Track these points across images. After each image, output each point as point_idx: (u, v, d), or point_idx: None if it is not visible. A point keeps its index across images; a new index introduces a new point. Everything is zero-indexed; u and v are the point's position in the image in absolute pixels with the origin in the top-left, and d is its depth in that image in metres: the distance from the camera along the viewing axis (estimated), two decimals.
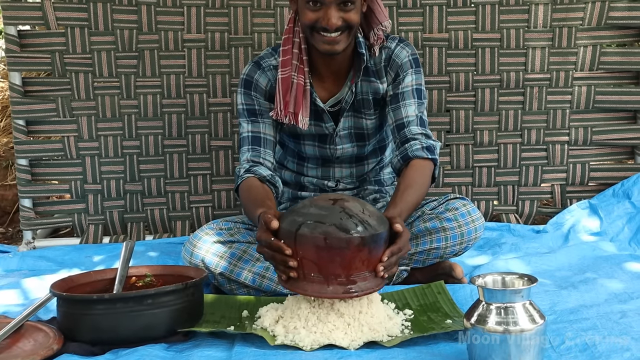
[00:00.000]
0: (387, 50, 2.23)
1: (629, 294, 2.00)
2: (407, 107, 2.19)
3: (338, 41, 2.07)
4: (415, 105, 2.20)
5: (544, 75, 3.00)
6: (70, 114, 2.95)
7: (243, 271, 2.07)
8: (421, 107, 2.22)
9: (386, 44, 2.24)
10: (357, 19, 2.08)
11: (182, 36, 2.95)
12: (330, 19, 2.01)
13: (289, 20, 2.19)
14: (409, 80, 2.21)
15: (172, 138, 3.00)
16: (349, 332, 1.67)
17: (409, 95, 2.20)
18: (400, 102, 2.20)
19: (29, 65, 2.98)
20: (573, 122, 3.04)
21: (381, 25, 2.17)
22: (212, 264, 2.07)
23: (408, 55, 2.23)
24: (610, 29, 2.99)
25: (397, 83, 2.22)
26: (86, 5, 2.90)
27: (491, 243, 2.73)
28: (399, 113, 2.19)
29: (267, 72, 2.24)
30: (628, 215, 2.82)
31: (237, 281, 2.07)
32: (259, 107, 2.23)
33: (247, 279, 2.07)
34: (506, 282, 1.57)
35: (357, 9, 2.07)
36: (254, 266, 2.07)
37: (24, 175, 2.96)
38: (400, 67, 2.22)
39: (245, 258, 2.08)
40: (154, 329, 1.69)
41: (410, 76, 2.22)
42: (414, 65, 2.24)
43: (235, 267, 2.07)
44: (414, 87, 2.21)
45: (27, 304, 2.09)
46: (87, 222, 3.02)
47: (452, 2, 2.96)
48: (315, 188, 2.42)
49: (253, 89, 2.23)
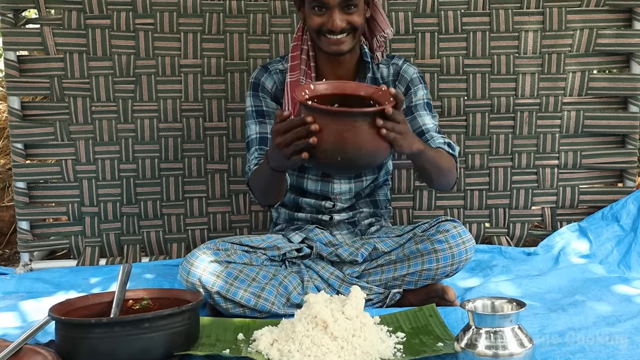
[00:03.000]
0: (394, 66, 2.39)
1: (617, 317, 2.03)
2: (423, 117, 2.32)
3: (343, 42, 2.20)
4: (430, 116, 2.33)
5: (533, 100, 3.05)
6: (68, 138, 2.99)
7: (239, 290, 2.10)
8: (434, 119, 2.35)
9: (393, 61, 2.40)
10: (361, 21, 2.21)
11: (178, 61, 3.00)
12: (335, 21, 2.16)
13: (298, 29, 2.37)
14: (421, 94, 2.36)
15: (168, 161, 3.04)
16: (342, 355, 1.69)
17: (422, 107, 2.34)
18: (414, 113, 2.33)
19: (28, 90, 3.02)
20: (563, 146, 3.09)
21: (383, 32, 2.32)
22: (209, 283, 2.09)
23: (416, 71, 2.39)
24: (598, 55, 3.05)
25: (409, 96, 2.35)
26: (84, 31, 2.95)
27: (482, 265, 2.77)
28: (415, 123, 2.31)
29: (274, 75, 2.40)
30: (617, 238, 2.86)
31: (233, 300, 2.10)
32: (267, 109, 2.36)
33: (242, 298, 2.09)
34: (495, 307, 1.61)
35: (360, 12, 2.21)
36: (250, 286, 2.11)
37: (21, 197, 2.99)
38: (410, 82, 2.37)
39: (242, 278, 2.11)
40: (150, 353, 1.71)
41: (421, 90, 2.36)
42: (422, 81, 2.39)
43: (231, 286, 2.10)
44: (425, 101, 2.36)
45: (25, 326, 2.10)
46: (83, 244, 3.04)
47: (443, 29, 3.03)
48: (312, 210, 2.45)
49: (260, 90, 2.38)
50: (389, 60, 2.42)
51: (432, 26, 3.03)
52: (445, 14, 3.02)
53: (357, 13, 2.19)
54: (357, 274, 2.27)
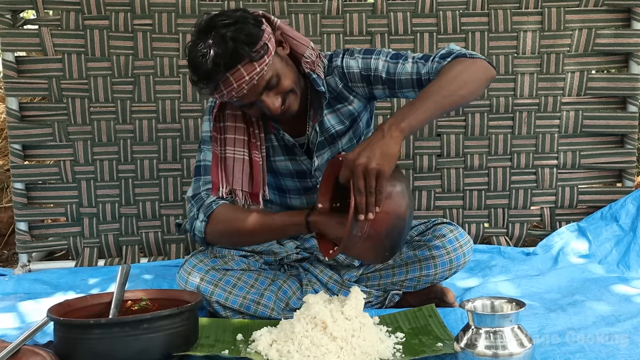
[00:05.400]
0: (337, 69, 2.09)
1: (616, 317, 2.02)
2: (403, 72, 2.00)
3: (289, 106, 1.97)
4: (406, 64, 2.01)
5: (532, 101, 3.05)
6: (66, 139, 2.99)
7: (238, 298, 2.08)
8: (409, 57, 2.02)
9: (332, 65, 2.10)
10: (291, 80, 1.95)
11: (177, 62, 3.00)
12: (270, 107, 1.92)
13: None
14: (381, 65, 2.04)
15: (167, 162, 3.04)
16: (341, 355, 1.69)
17: (393, 68, 2.02)
18: (394, 78, 2.02)
19: (26, 91, 3.02)
20: (561, 146, 3.09)
21: (304, 56, 2.02)
22: (207, 292, 2.07)
23: (357, 56, 2.07)
24: (597, 55, 3.06)
25: (376, 80, 2.06)
26: (83, 32, 2.95)
27: (482, 265, 2.77)
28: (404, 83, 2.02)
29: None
30: (616, 238, 2.86)
31: (232, 308, 2.09)
32: None
33: (242, 306, 2.08)
34: (495, 307, 1.60)
35: (285, 73, 1.93)
36: (249, 293, 2.09)
37: (20, 198, 2.99)
38: (362, 69, 2.06)
39: (240, 285, 2.10)
40: (149, 353, 1.70)
41: (376, 61, 2.04)
42: (369, 53, 2.07)
43: (230, 294, 2.08)
44: (389, 61, 2.03)
45: (23, 327, 2.10)
46: (82, 245, 3.04)
47: (442, 29, 3.03)
48: None
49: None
50: (330, 65, 2.11)
51: (430, 26, 3.03)
52: (444, 14, 3.02)
53: (283, 78, 1.91)
54: (355, 278, 2.26)
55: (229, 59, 1.81)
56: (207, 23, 1.87)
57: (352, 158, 1.69)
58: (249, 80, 1.84)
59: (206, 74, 1.84)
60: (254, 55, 1.82)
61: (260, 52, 1.84)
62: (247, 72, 1.83)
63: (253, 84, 1.85)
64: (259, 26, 1.87)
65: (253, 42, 1.83)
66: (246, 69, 1.83)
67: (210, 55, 1.81)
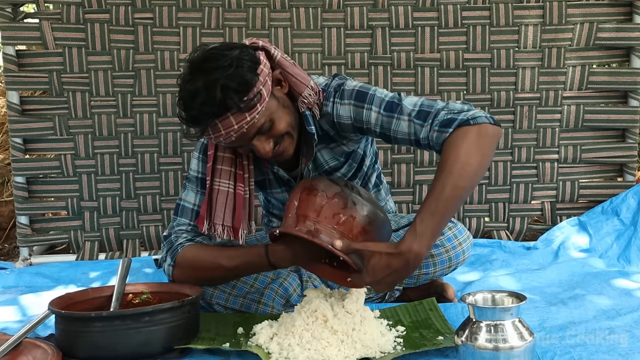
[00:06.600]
0: (327, 117, 1.92)
1: (616, 311, 2.02)
2: (399, 132, 1.83)
3: (284, 150, 1.85)
4: (401, 118, 1.81)
5: (533, 95, 3.05)
6: (67, 132, 2.99)
7: (238, 299, 2.08)
8: (405, 110, 1.81)
9: (323, 111, 1.91)
10: (285, 122, 1.81)
11: (177, 56, 2.99)
12: (260, 151, 1.80)
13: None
14: (374, 118, 1.85)
15: (167, 156, 3.04)
16: (342, 348, 1.69)
17: (387, 123, 1.83)
18: (390, 134, 1.85)
19: (27, 85, 3.01)
20: (562, 141, 3.09)
21: (301, 95, 1.87)
22: (207, 295, 2.07)
23: (348, 103, 1.88)
24: (598, 49, 3.05)
25: (369, 131, 1.89)
26: (83, 25, 2.94)
27: (482, 259, 2.77)
28: (401, 140, 1.86)
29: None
30: (617, 232, 2.87)
31: (233, 309, 2.08)
32: None
33: (243, 306, 2.08)
34: (496, 300, 1.60)
35: (280, 116, 1.80)
36: (249, 293, 2.09)
37: (21, 192, 2.99)
38: (355, 122, 1.88)
39: (240, 286, 2.09)
40: (150, 346, 1.71)
41: (369, 112, 1.85)
42: (361, 100, 1.87)
43: (230, 295, 2.08)
44: (382, 114, 1.84)
45: (25, 320, 2.11)
46: (83, 239, 3.04)
47: (443, 23, 3.02)
48: None
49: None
50: (325, 106, 1.91)
51: (432, 20, 3.02)
52: (445, 8, 3.01)
53: (277, 121, 1.78)
54: None
55: (217, 109, 1.69)
56: (201, 60, 1.74)
57: (371, 282, 1.66)
58: (238, 129, 1.73)
59: (193, 117, 1.73)
60: (243, 106, 1.70)
61: (252, 101, 1.71)
62: (237, 121, 1.71)
63: (242, 132, 1.74)
64: (254, 69, 1.72)
65: (245, 89, 1.70)
66: (235, 118, 1.71)
67: (198, 100, 1.69)
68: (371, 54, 3.04)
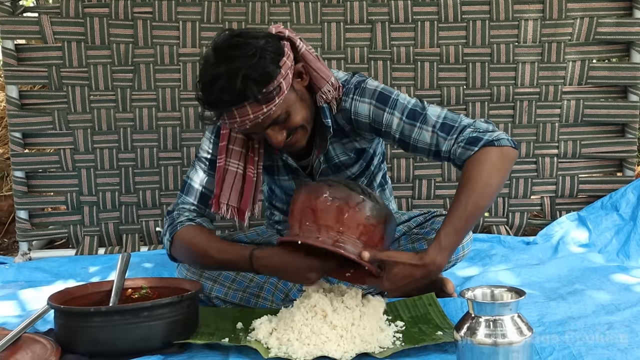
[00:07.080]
0: (344, 112, 1.92)
1: (616, 306, 2.02)
2: (420, 141, 1.84)
3: (296, 141, 1.86)
4: (424, 128, 1.83)
5: (533, 90, 3.05)
6: (66, 127, 2.98)
7: (238, 293, 2.09)
8: (429, 120, 1.83)
9: (342, 106, 1.92)
10: (301, 116, 1.82)
11: (177, 50, 2.99)
12: (273, 140, 1.81)
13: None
14: (395, 124, 1.86)
15: (167, 150, 3.03)
16: (341, 343, 1.69)
17: (409, 131, 1.84)
18: (410, 142, 1.86)
19: (26, 79, 3.01)
20: (562, 136, 3.09)
21: (321, 91, 1.87)
22: (207, 288, 2.08)
23: (369, 102, 1.88)
24: (598, 44, 3.05)
25: (387, 135, 1.89)
26: (83, 19, 2.94)
27: (482, 254, 2.77)
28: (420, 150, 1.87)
29: None
30: (616, 227, 2.87)
31: (233, 303, 2.08)
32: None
33: (242, 300, 2.08)
34: (495, 295, 1.60)
35: (296, 109, 1.80)
36: (249, 287, 2.09)
37: (20, 187, 2.98)
38: (373, 122, 1.89)
39: (239, 280, 2.10)
40: (150, 341, 1.71)
41: (390, 116, 1.86)
42: (383, 102, 1.87)
43: (229, 289, 2.08)
44: (404, 121, 1.85)
45: (24, 315, 2.11)
46: (82, 234, 3.04)
47: (443, 18, 3.02)
48: None
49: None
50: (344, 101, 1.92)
51: (431, 15, 3.02)
52: (445, 2, 3.01)
53: (293, 114, 1.79)
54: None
55: (235, 98, 1.69)
56: (225, 45, 1.74)
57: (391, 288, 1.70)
58: (253, 119, 1.73)
59: (211, 102, 1.75)
60: (261, 98, 1.70)
61: (270, 93, 1.71)
62: (253, 111, 1.72)
63: (257, 122, 1.75)
64: (277, 61, 1.72)
65: (265, 81, 1.70)
66: (252, 108, 1.72)
67: (218, 86, 1.70)
68: (371, 48, 3.03)
